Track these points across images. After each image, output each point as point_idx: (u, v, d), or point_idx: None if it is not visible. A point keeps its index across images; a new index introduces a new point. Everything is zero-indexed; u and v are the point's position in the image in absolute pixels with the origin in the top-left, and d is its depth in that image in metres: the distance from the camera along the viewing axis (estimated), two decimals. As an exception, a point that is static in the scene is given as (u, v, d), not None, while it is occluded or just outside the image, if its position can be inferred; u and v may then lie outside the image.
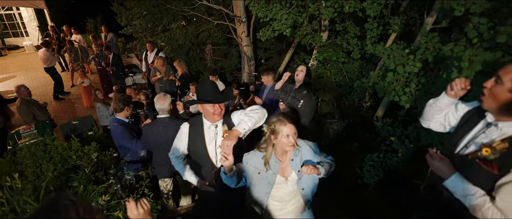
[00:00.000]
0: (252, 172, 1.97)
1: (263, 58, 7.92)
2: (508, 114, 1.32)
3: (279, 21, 3.06)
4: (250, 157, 1.98)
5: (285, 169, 1.93)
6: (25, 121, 5.37)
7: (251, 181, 2.01)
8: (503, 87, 1.27)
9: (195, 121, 2.19)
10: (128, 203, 1.34)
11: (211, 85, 2.07)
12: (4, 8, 11.43)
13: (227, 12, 5.53)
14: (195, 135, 2.15)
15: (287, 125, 1.77)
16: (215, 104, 2.03)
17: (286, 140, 1.78)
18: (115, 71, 6.96)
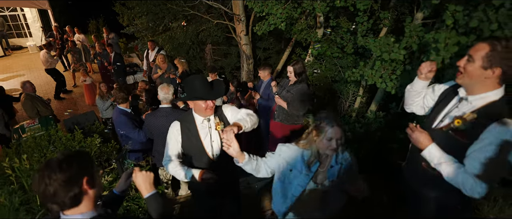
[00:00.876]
0: (284, 167, 1.76)
1: (262, 58, 8.10)
2: (478, 89, 1.45)
3: (274, 16, 3.22)
4: (285, 150, 1.77)
5: (320, 174, 1.73)
6: (29, 115, 5.53)
7: (280, 177, 1.80)
8: (474, 64, 1.40)
9: (186, 117, 2.10)
10: (135, 171, 1.48)
11: (201, 80, 1.98)
12: (9, 9, 11.67)
13: (226, 11, 5.69)
14: (188, 131, 2.06)
15: (334, 127, 1.57)
16: (207, 101, 1.93)
17: (327, 143, 1.60)
18: (117, 69, 7.13)
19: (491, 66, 1.36)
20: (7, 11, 11.76)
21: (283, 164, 1.76)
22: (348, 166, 1.76)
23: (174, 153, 2.09)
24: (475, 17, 1.63)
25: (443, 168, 1.53)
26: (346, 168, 1.76)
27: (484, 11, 1.63)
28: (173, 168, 2.04)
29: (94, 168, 1.18)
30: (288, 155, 1.75)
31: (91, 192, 1.13)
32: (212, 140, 2.08)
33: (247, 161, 1.70)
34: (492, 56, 1.35)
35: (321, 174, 1.73)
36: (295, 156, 1.73)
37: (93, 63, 9.13)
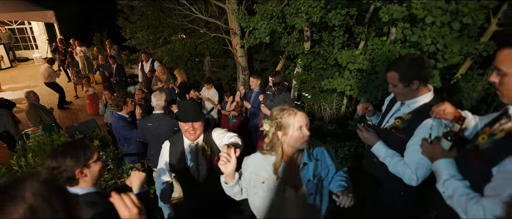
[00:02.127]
0: (255, 180, 1.62)
1: (259, 69, 8.46)
2: (411, 96, 1.75)
3: (259, 30, 3.58)
4: (250, 162, 1.65)
5: (295, 176, 1.57)
6: (32, 123, 5.88)
7: (256, 192, 1.64)
8: (396, 88, 1.74)
9: (176, 139, 2.12)
10: (114, 199, 0.99)
11: (188, 104, 2.04)
12: (17, 23, 12.30)
13: (221, 25, 6.09)
14: (176, 152, 2.08)
15: (297, 113, 1.44)
16: (188, 123, 1.96)
17: (299, 133, 1.44)
18: (118, 80, 7.53)
19: (409, 83, 1.69)
20: (15, 25, 12.39)
21: (253, 178, 1.62)
22: (326, 161, 1.63)
23: (164, 172, 2.10)
24: (415, 32, 1.95)
25: (387, 161, 1.82)
26: (323, 163, 1.62)
27: (421, 28, 1.94)
28: (161, 189, 2.11)
29: (89, 154, 1.47)
30: (256, 166, 1.62)
31: (87, 172, 1.43)
32: (199, 163, 2.07)
33: (236, 182, 1.63)
34: (406, 76, 1.68)
35: (295, 175, 1.57)
36: (262, 165, 1.59)
37: (95, 74, 9.57)
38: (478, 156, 1.19)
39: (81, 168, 1.41)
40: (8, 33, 11.73)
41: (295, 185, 1.57)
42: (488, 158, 1.13)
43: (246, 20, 3.66)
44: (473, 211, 1.10)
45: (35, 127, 5.70)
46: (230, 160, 1.52)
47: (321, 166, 1.62)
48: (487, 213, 1.05)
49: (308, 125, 1.47)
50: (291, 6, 3.38)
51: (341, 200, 1.41)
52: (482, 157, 1.17)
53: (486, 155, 1.15)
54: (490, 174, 1.10)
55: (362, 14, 3.51)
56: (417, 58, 1.63)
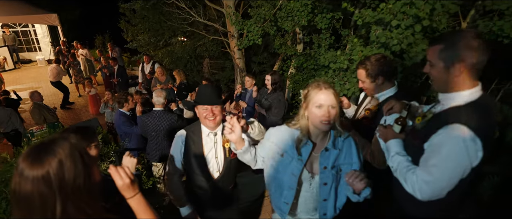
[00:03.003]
0: (275, 152, 1.54)
1: (257, 71, 8.76)
2: (377, 91, 2.01)
3: (252, 33, 3.86)
4: (274, 132, 1.57)
5: (315, 161, 1.49)
6: (36, 122, 6.18)
7: (272, 164, 1.58)
8: (364, 84, 2.00)
9: (193, 127, 2.02)
10: (111, 170, 1.17)
11: (206, 86, 1.96)
12: (21, 25, 12.67)
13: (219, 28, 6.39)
14: (192, 142, 1.97)
15: (322, 90, 1.35)
16: (208, 107, 1.85)
17: (317, 111, 1.36)
18: (120, 81, 7.82)
19: (375, 78, 1.94)
20: (19, 27, 12.77)
21: (273, 149, 1.55)
22: (351, 156, 1.50)
23: (179, 162, 1.99)
24: (383, 35, 2.22)
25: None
26: (348, 157, 1.50)
27: (389, 30, 2.20)
28: (173, 186, 1.98)
29: (91, 139, 1.72)
30: (278, 137, 1.55)
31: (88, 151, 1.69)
32: (216, 155, 1.98)
33: (246, 149, 1.55)
34: (371, 73, 1.94)
35: (316, 160, 1.48)
36: (285, 138, 1.51)
37: (96, 76, 9.88)
38: (415, 135, 1.42)
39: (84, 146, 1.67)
40: (12, 35, 12.10)
41: (312, 170, 1.49)
42: (422, 136, 1.36)
43: (240, 23, 3.95)
44: (409, 180, 1.34)
45: (40, 125, 5.98)
46: (234, 130, 1.49)
47: (345, 158, 1.49)
48: (418, 180, 1.30)
49: (333, 107, 1.35)
50: (283, 10, 3.65)
51: (350, 177, 1.32)
52: (417, 136, 1.39)
53: (421, 134, 1.37)
54: (423, 149, 1.34)
55: (348, 17, 3.79)
56: (380, 58, 1.89)
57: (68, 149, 0.98)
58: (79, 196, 0.97)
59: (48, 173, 0.91)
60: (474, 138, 1.24)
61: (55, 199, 0.93)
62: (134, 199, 1.20)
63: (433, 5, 2.04)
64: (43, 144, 0.96)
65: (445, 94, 1.37)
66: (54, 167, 0.93)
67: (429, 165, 1.28)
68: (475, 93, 1.30)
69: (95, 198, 1.05)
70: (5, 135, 6.14)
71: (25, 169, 0.92)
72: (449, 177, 1.28)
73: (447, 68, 1.31)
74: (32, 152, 0.96)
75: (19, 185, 0.93)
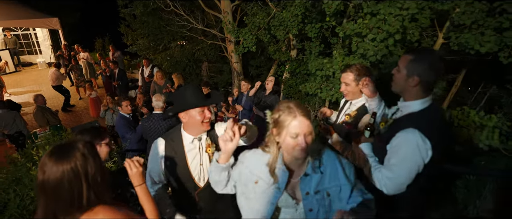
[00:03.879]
0: (247, 178, 1.42)
1: (254, 75, 9.03)
2: (355, 97, 2.26)
3: (247, 40, 4.13)
4: (249, 156, 1.46)
5: (296, 187, 1.38)
6: (39, 124, 6.43)
7: (244, 192, 1.45)
8: (348, 87, 2.24)
9: (172, 134, 1.84)
10: (126, 162, 1.50)
11: (193, 88, 1.76)
12: (22, 29, 12.94)
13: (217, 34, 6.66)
14: (174, 152, 1.79)
15: (297, 117, 1.24)
16: (204, 108, 1.70)
17: (292, 141, 1.25)
18: (120, 84, 8.09)
19: (358, 83, 2.19)
20: (20, 30, 13.04)
21: (246, 174, 1.43)
22: (338, 177, 1.37)
23: (156, 175, 1.82)
24: (361, 46, 2.48)
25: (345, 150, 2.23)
26: (334, 179, 1.37)
27: (366, 43, 2.47)
28: (155, 195, 1.80)
29: (101, 138, 1.97)
30: (252, 161, 1.43)
31: (98, 149, 1.94)
32: (201, 162, 1.83)
33: (226, 167, 1.46)
34: (356, 78, 2.18)
35: (296, 185, 1.37)
36: (260, 162, 1.40)
37: (97, 79, 10.15)
38: (380, 138, 1.65)
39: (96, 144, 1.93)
40: (13, 38, 12.36)
41: (295, 196, 1.37)
42: (385, 139, 1.58)
43: (235, 31, 4.22)
44: (376, 177, 1.59)
45: (43, 127, 6.23)
46: (233, 139, 1.38)
47: (329, 182, 1.36)
48: (383, 177, 1.55)
49: (309, 134, 1.25)
50: (276, 19, 3.92)
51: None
52: (382, 139, 1.61)
53: (384, 137, 1.60)
54: (386, 150, 1.57)
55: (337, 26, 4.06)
56: (365, 67, 2.14)
57: (89, 147, 1.24)
58: (98, 185, 1.22)
59: (76, 165, 1.16)
60: (424, 139, 1.51)
61: (82, 187, 1.17)
62: (141, 187, 1.50)
63: (402, 22, 2.30)
64: (67, 143, 1.22)
65: (403, 103, 1.64)
66: (80, 161, 1.19)
67: (391, 164, 1.54)
68: (426, 103, 1.57)
69: (108, 188, 1.30)
70: (8, 136, 6.37)
71: (54, 164, 1.15)
72: (407, 173, 1.52)
73: (408, 77, 1.58)
74: (58, 150, 1.22)
75: (48, 177, 1.16)
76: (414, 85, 1.57)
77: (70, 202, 1.17)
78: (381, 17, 2.33)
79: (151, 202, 1.52)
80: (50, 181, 1.15)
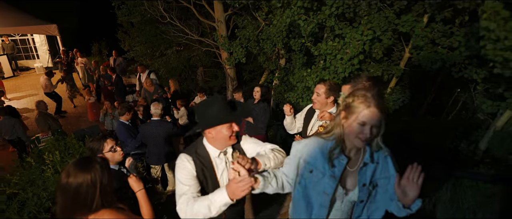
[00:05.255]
0: (303, 168, 1.42)
1: (248, 79, 9.46)
2: (324, 107, 2.66)
3: (237, 52, 4.56)
4: (302, 147, 1.45)
5: (349, 176, 1.38)
6: (41, 129, 6.78)
7: (300, 182, 1.46)
8: (319, 97, 2.64)
9: (198, 150, 1.74)
10: (131, 178, 1.91)
11: (219, 101, 1.66)
12: (19, 34, 13.26)
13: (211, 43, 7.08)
14: (204, 167, 1.71)
15: (370, 107, 1.23)
16: (233, 123, 1.64)
17: (358, 129, 1.25)
18: (117, 90, 8.46)
19: (328, 96, 2.60)
20: (18, 36, 13.36)
21: (301, 165, 1.44)
22: (388, 169, 1.39)
23: (195, 189, 1.63)
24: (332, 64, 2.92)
25: None
26: (384, 170, 1.39)
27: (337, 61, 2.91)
28: (192, 205, 1.53)
29: (100, 148, 2.36)
30: (306, 151, 1.43)
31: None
32: (230, 177, 1.71)
33: (264, 184, 1.40)
34: (328, 91, 2.60)
35: (351, 175, 1.37)
36: (314, 152, 1.40)
37: (95, 83, 10.49)
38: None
39: (100, 155, 2.33)
40: (11, 44, 12.68)
41: (346, 186, 1.37)
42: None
43: (226, 45, 4.65)
44: None
45: (45, 132, 6.59)
46: (239, 170, 1.32)
47: (381, 172, 1.38)
48: None
49: (376, 127, 1.25)
50: (264, 33, 4.35)
51: (404, 184, 1.24)
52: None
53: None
54: None
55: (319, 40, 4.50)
56: (335, 83, 2.54)
57: (106, 163, 1.63)
58: (107, 193, 1.52)
59: (95, 176, 1.50)
60: None
61: (95, 193, 1.45)
62: (140, 192, 1.91)
63: (363, 46, 2.74)
64: (87, 158, 1.61)
65: None
66: (98, 173, 1.49)
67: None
68: None
69: (113, 193, 1.63)
70: (9, 141, 6.69)
71: (77, 173, 1.48)
72: None
73: None
74: (83, 161, 1.57)
75: (71, 182, 1.44)
76: None
77: (84, 204, 1.45)
78: (347, 40, 2.76)
79: (148, 204, 1.91)
80: (72, 186, 1.45)
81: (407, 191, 1.24)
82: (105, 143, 2.32)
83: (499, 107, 2.77)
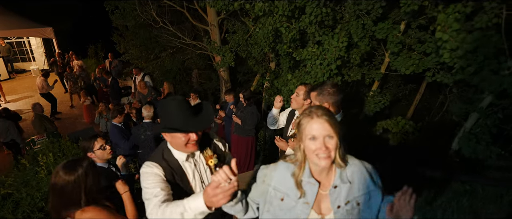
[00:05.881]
0: (271, 196, 1.38)
1: (242, 81, 9.63)
2: (299, 108, 2.81)
3: (226, 57, 4.73)
4: (270, 172, 1.40)
5: (323, 200, 1.33)
6: (37, 131, 6.92)
7: (269, 210, 1.40)
8: (298, 97, 2.81)
9: (164, 155, 1.62)
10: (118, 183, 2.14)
11: (178, 103, 1.55)
12: (15, 37, 13.39)
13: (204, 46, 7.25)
14: (174, 174, 1.59)
15: (313, 118, 1.21)
16: (189, 133, 1.50)
17: (311, 144, 1.22)
18: (112, 92, 8.62)
19: (306, 98, 2.77)
20: (14, 38, 13.49)
21: (271, 193, 1.37)
22: (366, 185, 1.33)
23: (166, 192, 1.48)
24: (312, 69, 3.10)
25: None
26: (362, 187, 1.32)
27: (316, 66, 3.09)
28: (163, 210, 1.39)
29: (91, 146, 2.52)
30: (274, 178, 1.37)
31: (94, 155, 2.50)
32: (202, 180, 1.67)
33: (238, 200, 1.32)
34: (307, 93, 2.76)
35: (325, 199, 1.31)
36: (284, 178, 1.35)
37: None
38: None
39: (90, 152, 2.49)
40: (7, 46, 12.81)
41: (321, 211, 1.32)
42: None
43: (217, 49, 4.82)
44: None
45: (40, 134, 6.72)
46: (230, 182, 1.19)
47: (359, 190, 1.32)
48: None
49: (331, 137, 1.20)
50: (252, 38, 4.52)
51: (397, 207, 1.20)
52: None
53: None
54: None
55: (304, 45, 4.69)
56: (312, 88, 2.71)
57: (91, 166, 1.77)
58: (93, 192, 1.67)
59: (78, 178, 1.65)
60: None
61: (80, 193, 1.61)
62: (125, 194, 2.09)
63: (339, 52, 2.92)
64: (77, 160, 1.77)
65: None
66: (82, 176, 1.64)
67: None
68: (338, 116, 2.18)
69: (99, 192, 1.78)
70: (4, 144, 6.81)
71: (63, 174, 1.64)
72: None
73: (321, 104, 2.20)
74: (69, 164, 1.72)
75: (58, 182, 1.62)
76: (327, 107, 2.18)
77: (70, 202, 1.62)
78: (326, 46, 2.93)
79: (132, 206, 2.08)
80: (58, 185, 1.63)
81: (400, 214, 1.20)
82: (95, 142, 2.49)
83: (467, 110, 2.96)
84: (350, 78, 3.56)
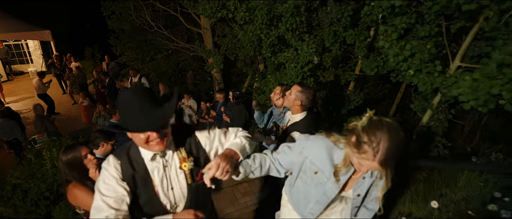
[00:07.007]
0: (307, 167, 1.48)
1: (236, 82, 10.06)
2: (294, 111, 3.22)
3: (214, 60, 5.16)
4: (309, 146, 1.48)
5: (348, 184, 1.48)
6: (38, 131, 7.29)
7: (302, 177, 1.53)
8: (274, 95, 3.23)
9: (130, 152, 1.40)
10: None
11: (131, 97, 1.26)
12: (13, 39, 13.76)
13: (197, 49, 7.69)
14: (134, 174, 1.37)
15: (374, 162, 1.20)
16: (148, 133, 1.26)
17: (363, 162, 1.25)
18: (110, 93, 9.01)
19: (283, 95, 3.19)
20: (12, 41, 13.87)
21: (307, 164, 1.48)
22: (380, 182, 1.45)
23: (110, 207, 1.27)
24: (288, 71, 3.53)
25: None
26: (379, 183, 1.46)
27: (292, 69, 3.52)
28: None
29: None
30: (314, 154, 1.45)
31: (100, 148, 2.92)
32: (171, 186, 1.43)
33: (245, 172, 1.42)
34: (283, 92, 3.18)
35: (352, 183, 1.48)
36: (323, 156, 1.43)
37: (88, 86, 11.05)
38: (280, 139, 2.77)
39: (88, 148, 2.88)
40: (5, 49, 13.20)
41: (345, 195, 1.50)
42: (283, 139, 2.68)
43: (206, 52, 5.25)
44: None
45: (41, 134, 7.10)
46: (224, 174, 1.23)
47: (378, 185, 1.47)
48: None
49: (386, 171, 1.30)
50: (239, 42, 4.94)
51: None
52: (281, 139, 2.71)
53: (282, 138, 2.72)
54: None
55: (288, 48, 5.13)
56: (287, 87, 3.11)
57: (78, 150, 2.21)
58: (81, 172, 2.13)
59: (68, 159, 2.10)
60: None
61: (70, 171, 2.08)
62: None
63: (309, 57, 3.35)
64: (70, 145, 2.20)
65: (292, 116, 2.67)
66: (70, 158, 2.12)
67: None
68: (303, 115, 2.60)
69: (85, 176, 2.21)
70: (6, 143, 7.17)
71: (61, 155, 2.14)
72: None
73: (294, 100, 2.60)
74: (65, 148, 2.18)
75: (59, 161, 2.15)
76: (297, 105, 2.60)
77: (66, 175, 2.10)
78: (299, 51, 3.36)
79: None
80: (60, 163, 2.13)
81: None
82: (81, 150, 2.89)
83: (424, 106, 3.39)
84: (324, 79, 4.01)
